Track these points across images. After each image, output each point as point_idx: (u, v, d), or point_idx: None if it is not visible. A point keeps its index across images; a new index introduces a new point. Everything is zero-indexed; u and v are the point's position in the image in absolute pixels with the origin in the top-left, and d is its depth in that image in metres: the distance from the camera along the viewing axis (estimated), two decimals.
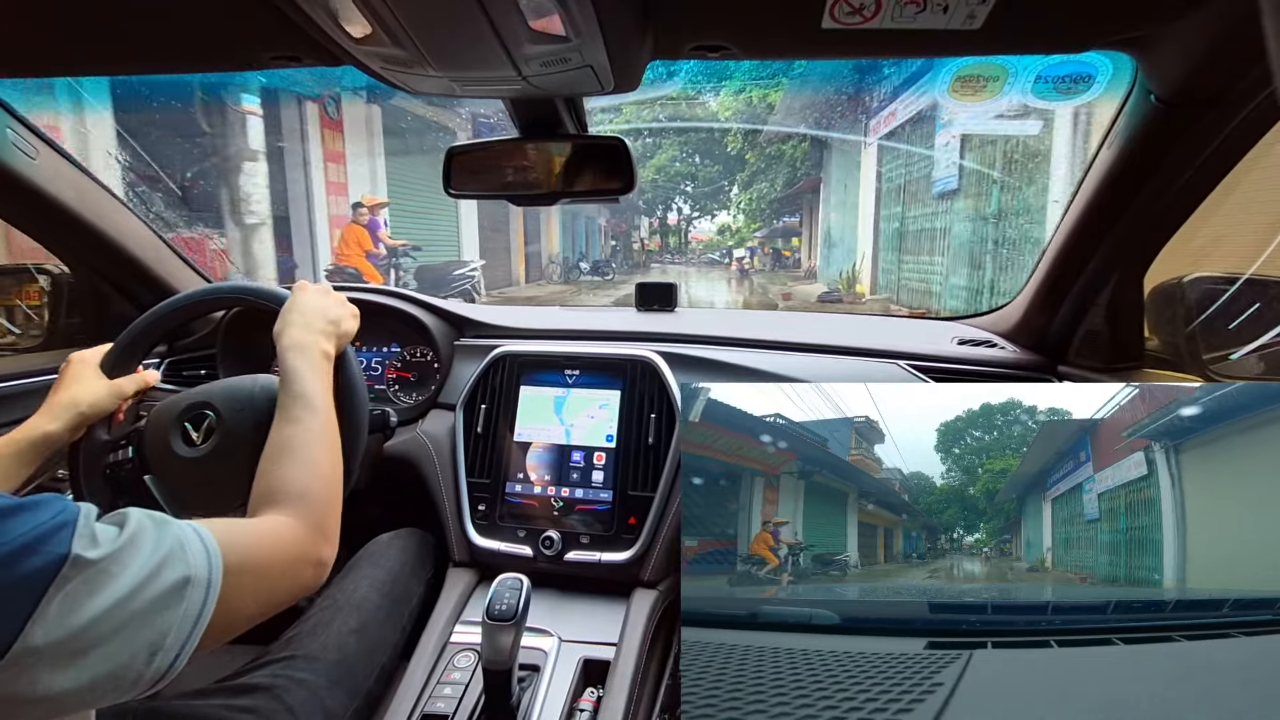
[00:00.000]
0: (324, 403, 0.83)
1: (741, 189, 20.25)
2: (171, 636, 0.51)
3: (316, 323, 0.91)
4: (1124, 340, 1.15)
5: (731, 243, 23.83)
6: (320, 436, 0.79)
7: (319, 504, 0.72)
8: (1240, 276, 1.10)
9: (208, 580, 0.54)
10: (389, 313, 1.41)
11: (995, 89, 2.34)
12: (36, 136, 1.15)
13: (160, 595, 0.50)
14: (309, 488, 0.73)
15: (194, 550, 0.54)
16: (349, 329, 0.97)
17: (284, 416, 0.80)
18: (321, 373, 0.86)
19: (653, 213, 26.97)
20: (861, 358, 1.30)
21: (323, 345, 0.89)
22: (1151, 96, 0.87)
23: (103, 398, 0.94)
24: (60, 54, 0.93)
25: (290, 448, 0.77)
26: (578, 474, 1.20)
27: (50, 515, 0.47)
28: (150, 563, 0.50)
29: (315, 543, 0.69)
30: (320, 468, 0.76)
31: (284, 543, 0.66)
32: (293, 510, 0.69)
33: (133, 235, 1.36)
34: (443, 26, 0.65)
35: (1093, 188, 1.04)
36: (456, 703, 0.93)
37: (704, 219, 26.93)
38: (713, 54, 0.81)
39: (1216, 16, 0.71)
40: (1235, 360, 1.10)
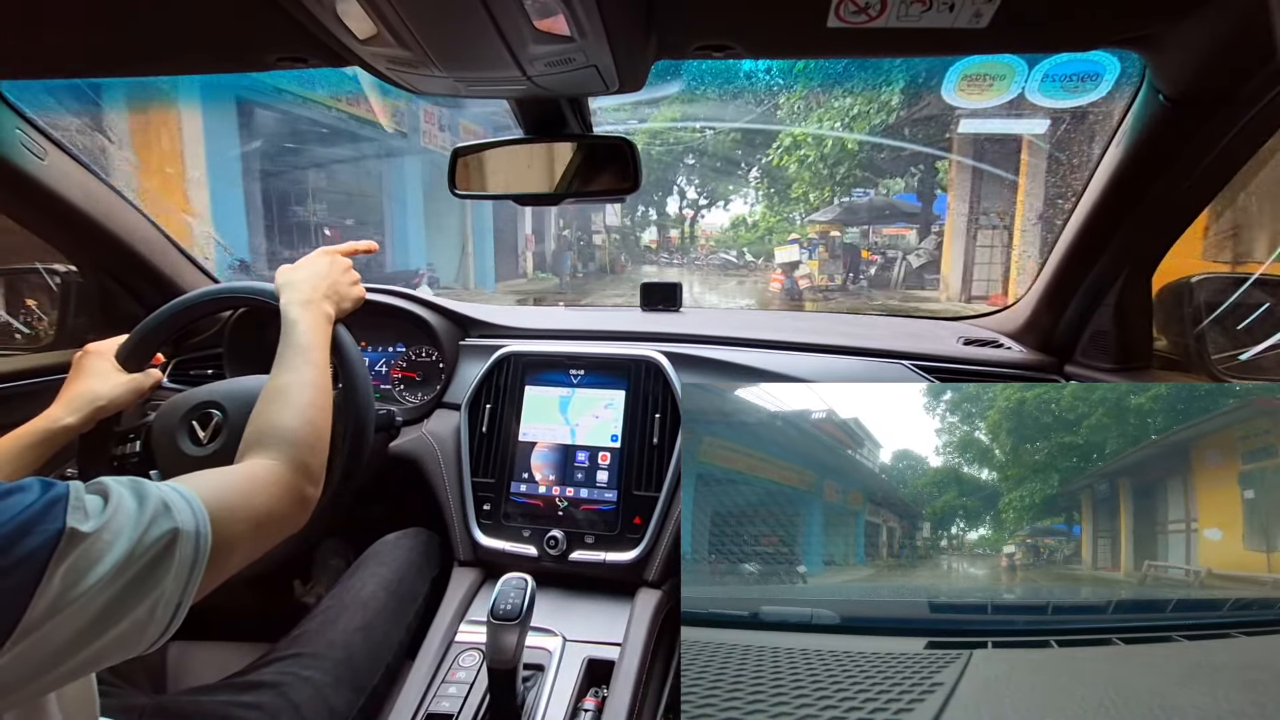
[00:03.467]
0: (319, 357, 0.87)
1: (786, 153, 12.62)
2: (170, 590, 0.52)
3: (321, 285, 0.95)
4: (1132, 340, 1.14)
5: (751, 239, 17.87)
6: (312, 386, 0.83)
7: (303, 446, 0.75)
8: (1249, 277, 1.10)
9: (195, 531, 0.55)
10: (394, 313, 1.41)
11: (1002, 88, 2.33)
12: (45, 138, 1.16)
13: (153, 554, 0.52)
14: (295, 431, 0.76)
15: (178, 506, 0.56)
16: (352, 298, 1.01)
17: (281, 365, 0.84)
18: (321, 330, 0.90)
19: (652, 202, 20.49)
20: (867, 358, 1.29)
21: (324, 307, 0.93)
22: (1160, 95, 0.87)
23: (121, 392, 0.95)
24: (65, 56, 0.94)
25: (283, 394, 0.80)
26: (582, 474, 1.20)
27: (39, 494, 0.48)
28: (139, 526, 0.52)
29: (297, 482, 0.72)
30: (308, 413, 0.79)
31: (265, 484, 0.68)
32: (276, 452, 0.72)
33: (140, 235, 1.37)
34: (448, 27, 0.65)
35: (1100, 187, 1.03)
36: (461, 701, 0.93)
37: (718, 207, 20.39)
38: (717, 54, 0.81)
39: (1225, 15, 0.71)
40: (1244, 360, 1.09)
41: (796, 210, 14.86)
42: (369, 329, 1.46)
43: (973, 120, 7.78)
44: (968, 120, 8.07)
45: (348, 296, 1.00)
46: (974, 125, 8.46)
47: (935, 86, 8.45)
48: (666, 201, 20.95)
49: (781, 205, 15.84)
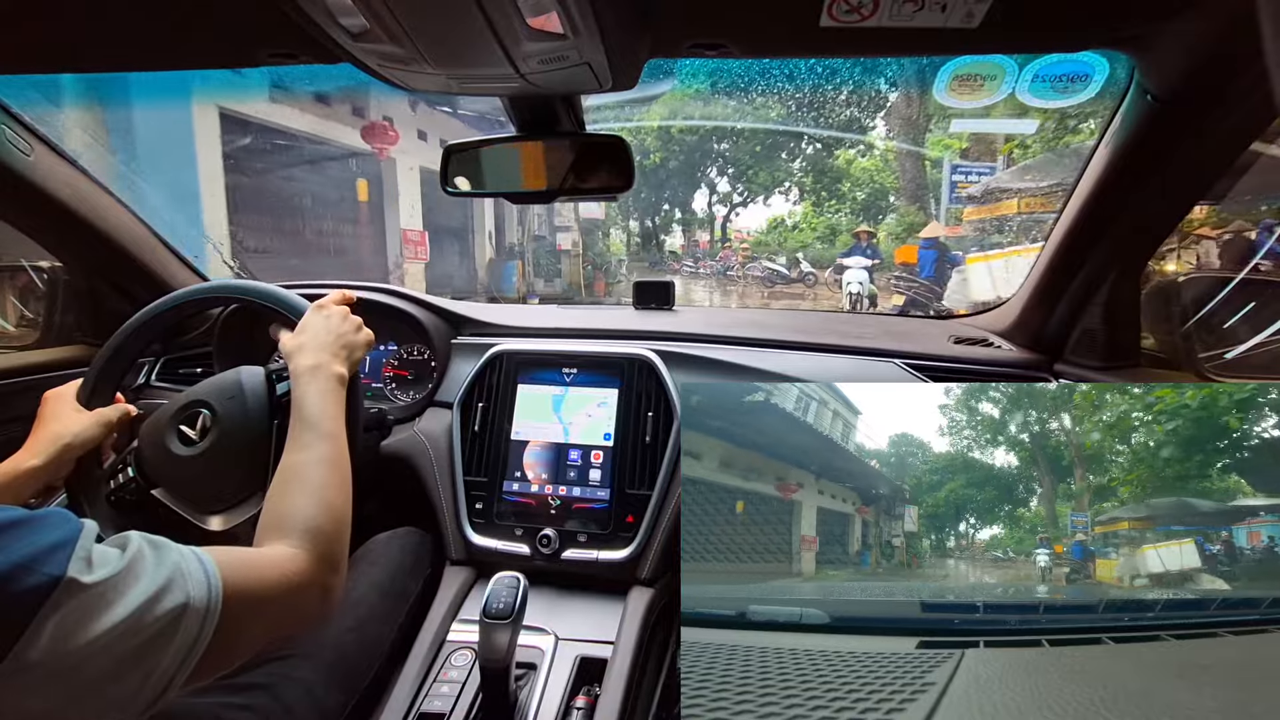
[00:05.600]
0: (334, 428, 0.82)
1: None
2: (165, 664, 0.50)
3: (328, 344, 0.90)
4: (1121, 339, 1.15)
5: (805, 242, 13.67)
6: (329, 465, 0.78)
7: (326, 535, 0.70)
8: (1235, 276, 1.11)
9: (205, 608, 0.53)
10: (386, 311, 1.41)
11: (993, 88, 2.34)
12: (31, 134, 1.14)
13: (157, 624, 0.50)
14: (316, 519, 0.71)
15: (194, 578, 0.53)
16: (361, 344, 0.96)
17: (294, 443, 0.79)
18: (333, 397, 0.85)
19: (660, 200, 15.67)
20: (859, 357, 1.30)
21: (335, 368, 0.88)
22: (1148, 95, 0.88)
23: (87, 429, 0.93)
24: (54, 51, 0.93)
25: (298, 476, 0.76)
26: (575, 472, 1.20)
27: (49, 534, 0.47)
28: (148, 591, 0.50)
29: (321, 572, 0.68)
30: (328, 495, 0.74)
31: (288, 573, 0.64)
32: (299, 541, 0.68)
33: (129, 232, 1.35)
34: (440, 24, 0.64)
35: (1089, 186, 1.04)
36: (453, 701, 0.93)
37: (758, 202, 15.08)
38: (710, 52, 0.81)
39: (1213, 15, 0.72)
40: (1230, 359, 1.10)
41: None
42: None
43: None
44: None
45: (357, 345, 0.95)
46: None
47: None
48: (693, 196, 15.11)
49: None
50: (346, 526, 0.75)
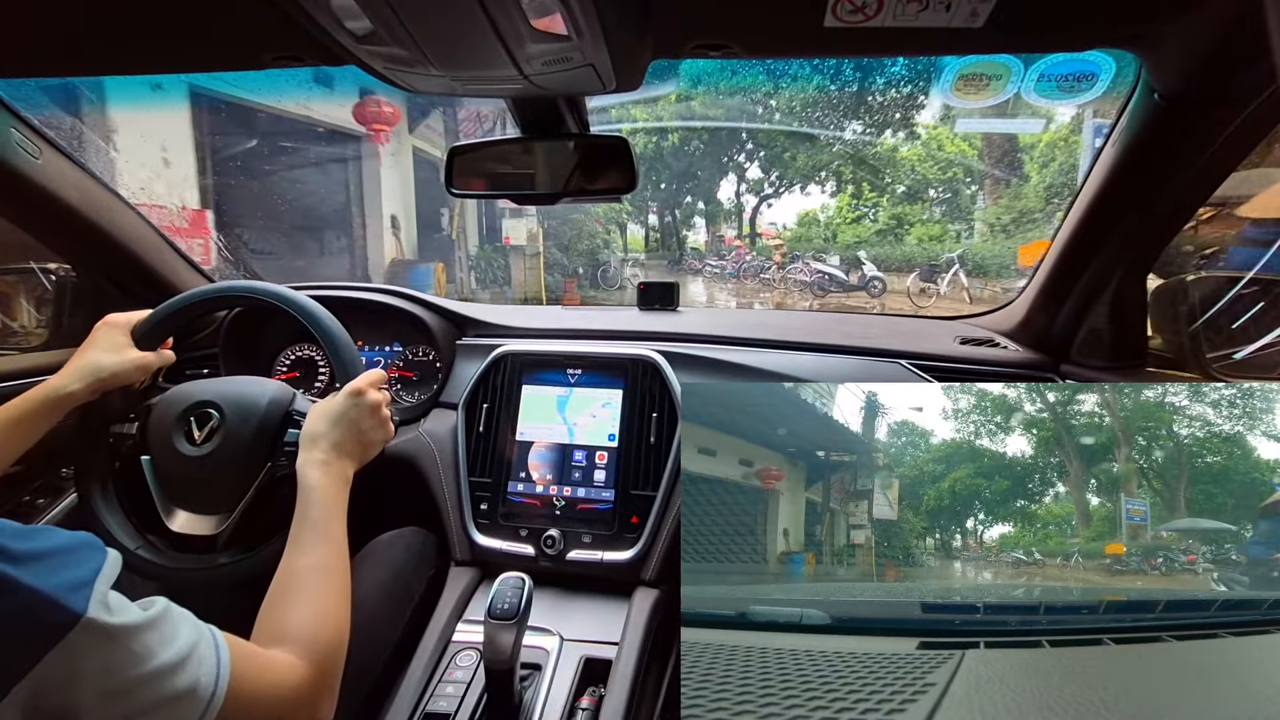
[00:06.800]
0: (337, 533, 0.81)
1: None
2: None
3: (347, 443, 0.89)
4: (1127, 339, 1.15)
5: (863, 239, 10.79)
6: (331, 573, 0.77)
7: (326, 652, 0.70)
8: (1243, 276, 1.10)
9: (209, 698, 0.53)
10: (391, 312, 1.41)
11: (999, 87, 2.33)
12: (40, 137, 1.15)
13: (158, 697, 0.50)
14: (315, 631, 0.70)
15: (206, 662, 0.54)
16: (377, 442, 0.94)
17: (295, 546, 0.78)
18: (339, 499, 0.85)
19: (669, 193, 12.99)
20: (865, 357, 1.30)
21: (344, 467, 0.87)
22: (1155, 95, 0.87)
23: (127, 368, 0.95)
24: (59, 54, 0.93)
25: (300, 585, 0.75)
26: (580, 473, 1.20)
27: (78, 570, 0.48)
28: (163, 660, 0.50)
29: (318, 693, 0.67)
30: (326, 608, 0.74)
31: (288, 686, 0.64)
32: (302, 652, 0.67)
33: (135, 235, 1.36)
34: (445, 26, 0.65)
35: (1096, 186, 1.04)
36: (458, 701, 0.93)
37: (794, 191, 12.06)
38: (714, 53, 0.81)
39: (1219, 14, 0.71)
40: (1238, 359, 1.10)
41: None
42: (365, 328, 1.46)
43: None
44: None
45: (372, 443, 0.92)
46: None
47: None
48: (718, 184, 12.66)
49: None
50: (344, 640, 0.75)
